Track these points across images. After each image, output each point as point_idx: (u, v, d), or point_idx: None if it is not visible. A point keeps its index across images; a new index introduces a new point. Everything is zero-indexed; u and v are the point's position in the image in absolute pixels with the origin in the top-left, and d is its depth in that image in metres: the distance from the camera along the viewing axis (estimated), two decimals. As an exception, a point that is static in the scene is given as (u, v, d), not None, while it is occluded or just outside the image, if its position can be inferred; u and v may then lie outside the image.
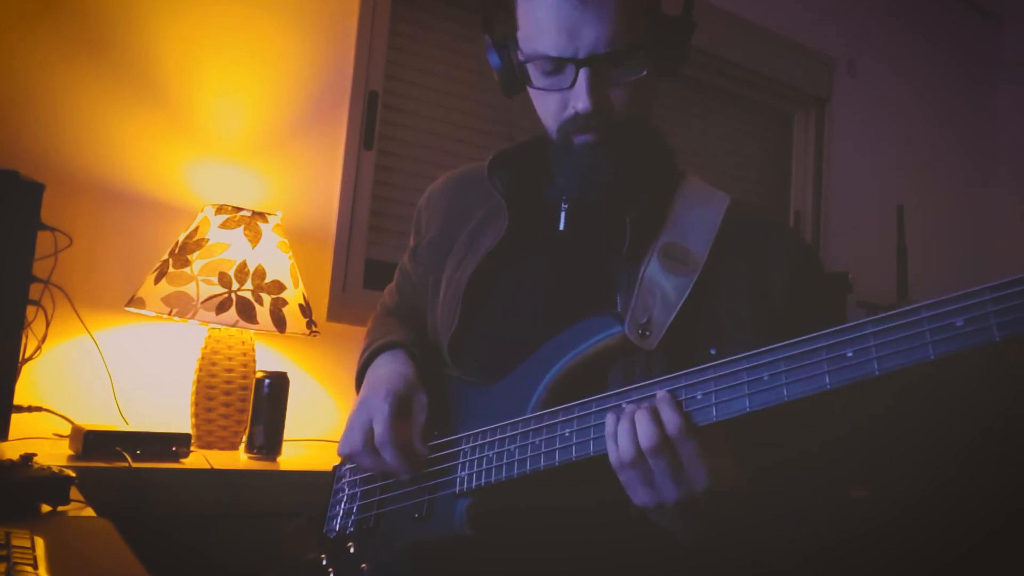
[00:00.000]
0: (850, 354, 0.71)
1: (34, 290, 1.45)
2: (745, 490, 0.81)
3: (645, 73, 0.94)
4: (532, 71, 0.96)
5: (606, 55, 0.90)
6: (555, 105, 0.96)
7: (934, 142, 3.54)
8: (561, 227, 1.01)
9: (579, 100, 0.92)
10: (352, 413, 1.00)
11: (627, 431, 0.78)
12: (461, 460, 0.93)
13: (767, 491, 0.85)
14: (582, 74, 0.91)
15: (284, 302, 1.71)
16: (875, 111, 3.32)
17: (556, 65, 0.93)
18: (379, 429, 0.95)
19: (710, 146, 2.97)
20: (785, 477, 0.88)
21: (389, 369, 1.02)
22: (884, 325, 0.70)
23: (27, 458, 0.98)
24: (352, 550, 1.01)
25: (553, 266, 1.00)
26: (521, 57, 0.97)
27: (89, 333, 1.73)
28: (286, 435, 1.68)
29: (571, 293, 0.97)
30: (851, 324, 0.72)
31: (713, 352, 0.81)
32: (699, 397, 0.78)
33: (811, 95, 3.15)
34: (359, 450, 0.97)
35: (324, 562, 1.02)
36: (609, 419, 0.80)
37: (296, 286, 1.76)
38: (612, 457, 0.80)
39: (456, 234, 1.09)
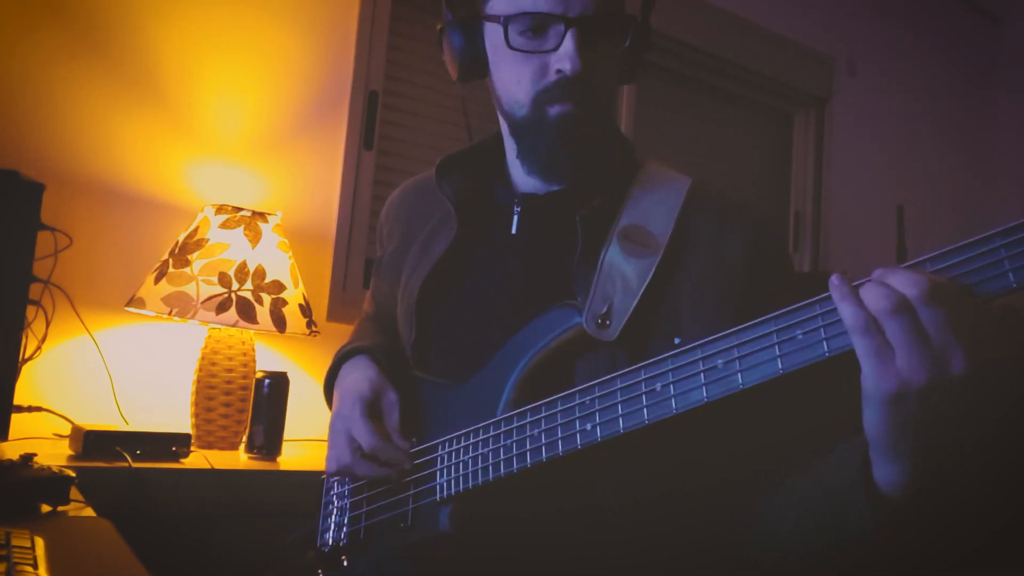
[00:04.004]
0: (800, 335, 0.69)
1: (34, 290, 1.45)
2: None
3: (628, 43, 0.93)
4: (511, 30, 0.91)
5: (595, 17, 0.88)
6: (533, 71, 0.91)
7: (934, 142, 3.54)
8: (513, 231, 0.99)
9: (566, 60, 0.87)
10: (329, 431, 1.00)
11: (877, 285, 0.63)
12: (439, 467, 0.93)
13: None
14: (570, 34, 0.87)
15: (284, 302, 1.71)
16: (875, 111, 3.32)
17: (539, 25, 0.89)
18: (364, 439, 0.94)
19: (710, 146, 2.97)
20: None
21: (352, 377, 1.02)
22: (830, 305, 0.67)
23: (27, 458, 0.98)
24: (346, 563, 1.01)
25: (508, 268, 0.99)
26: (499, 18, 0.91)
27: (89, 333, 1.73)
28: (286, 435, 1.68)
29: (529, 291, 0.95)
30: (799, 305, 0.69)
31: (678, 341, 0.78)
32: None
33: (811, 95, 3.15)
34: (348, 462, 0.96)
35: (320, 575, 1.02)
36: (837, 281, 0.65)
37: (296, 286, 1.76)
38: (854, 318, 0.63)
39: (412, 244, 1.08)
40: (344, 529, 1.03)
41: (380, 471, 0.96)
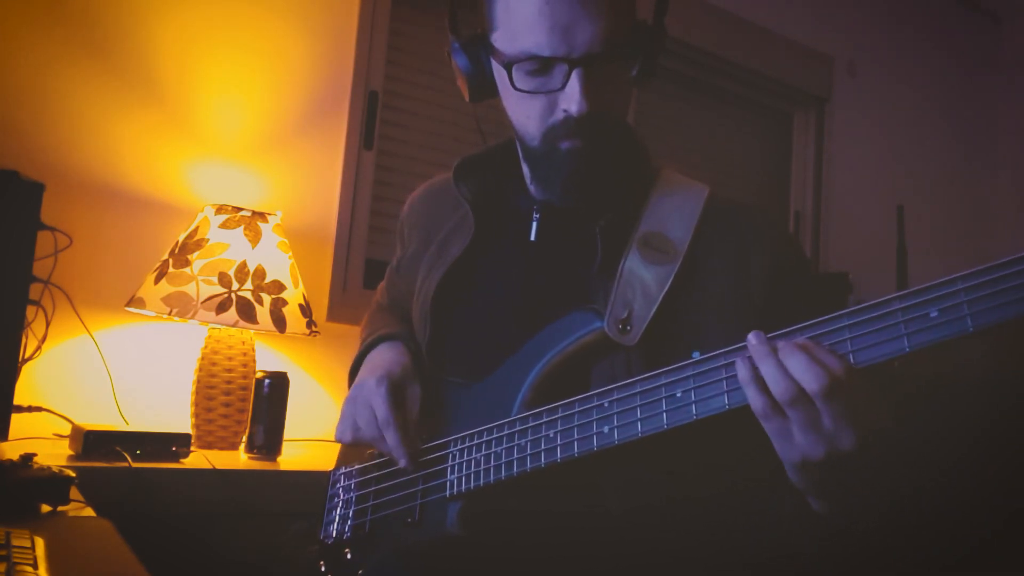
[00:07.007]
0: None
1: (34, 290, 1.45)
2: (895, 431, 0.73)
3: (635, 72, 0.93)
4: (516, 72, 0.89)
5: (600, 54, 0.86)
6: (541, 109, 0.90)
7: (934, 142, 3.54)
8: (532, 238, 1.00)
9: (572, 103, 0.87)
10: (347, 399, 1.00)
11: (777, 371, 0.69)
12: (450, 463, 0.93)
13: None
14: (575, 75, 0.86)
15: (284, 302, 1.71)
16: (875, 111, 3.32)
17: (543, 65, 0.87)
18: (380, 412, 0.94)
19: (710, 146, 2.97)
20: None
21: (385, 357, 1.02)
22: (859, 317, 0.69)
23: (27, 458, 0.98)
24: (349, 556, 1.01)
25: (526, 273, 0.99)
26: (503, 58, 0.90)
27: (89, 333, 1.73)
28: (286, 435, 1.68)
29: (547, 296, 0.96)
30: (825, 318, 0.71)
31: (696, 355, 0.78)
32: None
33: (811, 95, 3.15)
34: (364, 434, 0.96)
35: (323, 568, 1.02)
36: (741, 365, 0.72)
37: (296, 286, 1.76)
38: (759, 404, 0.71)
39: (430, 245, 1.09)
40: (349, 522, 1.03)
41: (387, 449, 0.96)
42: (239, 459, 1.63)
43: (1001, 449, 2.01)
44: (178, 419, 1.77)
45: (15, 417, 1.36)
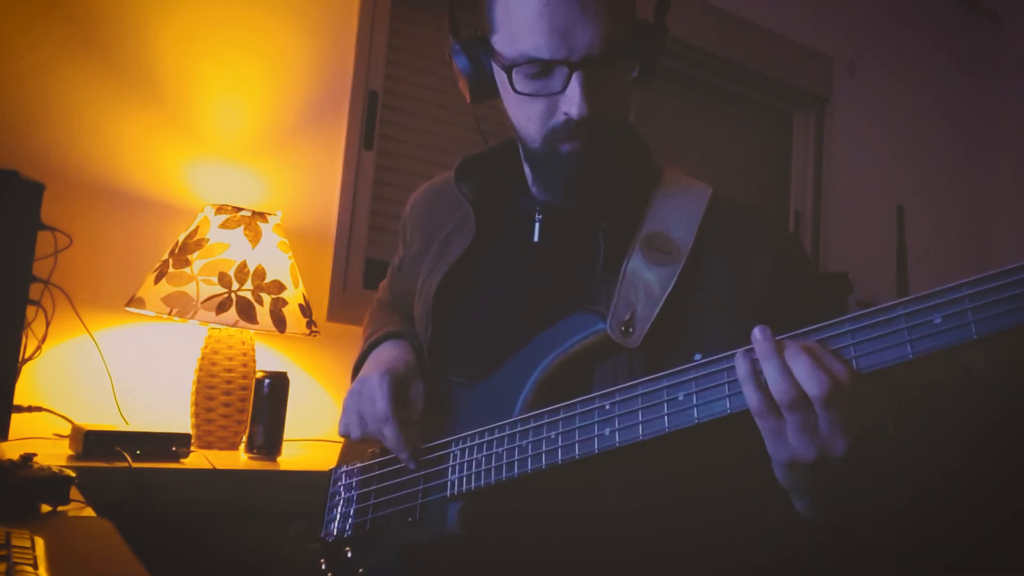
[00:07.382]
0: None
1: (34, 290, 1.45)
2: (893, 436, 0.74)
3: (635, 74, 0.92)
4: (516, 75, 0.89)
5: (600, 57, 0.86)
6: (541, 111, 0.90)
7: (934, 142, 3.54)
8: (535, 239, 1.00)
9: (572, 105, 0.87)
10: (349, 393, 1.00)
11: (780, 371, 0.69)
12: (451, 463, 0.93)
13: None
14: (575, 78, 0.86)
15: (284, 302, 1.71)
16: (875, 111, 3.32)
17: (543, 68, 0.87)
18: (380, 407, 0.94)
19: (710, 146, 2.97)
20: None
21: (389, 354, 1.03)
22: (862, 323, 0.69)
23: (27, 458, 0.98)
24: (349, 554, 1.01)
25: (528, 274, 0.99)
26: (503, 61, 0.90)
27: (89, 333, 1.73)
28: (286, 435, 1.68)
29: (550, 297, 0.96)
30: (831, 322, 0.71)
31: (698, 358, 0.78)
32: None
33: (811, 95, 3.15)
34: (369, 428, 0.96)
35: (323, 567, 1.02)
36: (740, 361, 0.72)
37: (296, 286, 1.76)
38: (755, 402, 0.71)
39: (431, 245, 1.09)
40: (350, 521, 1.03)
41: (387, 444, 0.96)
42: (239, 459, 1.63)
43: (1003, 451, 2.01)
44: (178, 419, 1.77)
45: (15, 417, 1.36)
